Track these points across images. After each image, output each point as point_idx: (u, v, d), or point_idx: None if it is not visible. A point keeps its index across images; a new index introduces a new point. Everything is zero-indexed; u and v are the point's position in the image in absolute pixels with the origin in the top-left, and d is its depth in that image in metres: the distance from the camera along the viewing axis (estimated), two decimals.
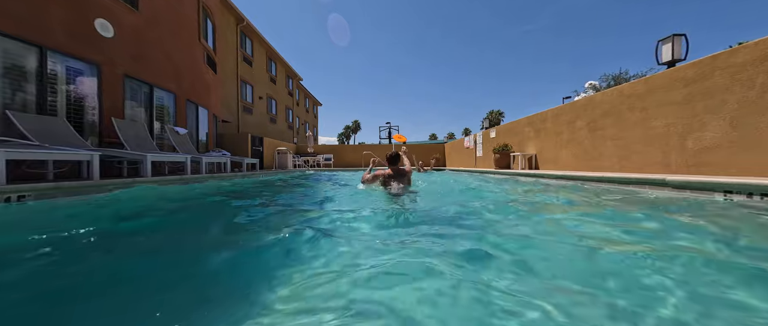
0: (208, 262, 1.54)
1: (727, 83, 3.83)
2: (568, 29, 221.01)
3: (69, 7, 5.25)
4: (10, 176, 3.39)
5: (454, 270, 1.28)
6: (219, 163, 8.19)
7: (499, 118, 53.95)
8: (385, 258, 1.45)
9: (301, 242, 1.74)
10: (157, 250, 1.80)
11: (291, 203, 3.56)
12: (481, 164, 12.00)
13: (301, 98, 29.06)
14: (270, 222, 2.54)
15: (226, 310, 1.05)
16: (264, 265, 1.52)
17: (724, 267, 1.37)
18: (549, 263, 1.48)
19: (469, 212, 2.69)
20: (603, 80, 24.47)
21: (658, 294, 1.11)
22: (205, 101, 9.55)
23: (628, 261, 1.44)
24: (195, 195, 4.24)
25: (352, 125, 74.24)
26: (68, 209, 2.98)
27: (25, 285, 1.27)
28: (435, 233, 1.93)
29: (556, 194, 3.92)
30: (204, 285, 1.30)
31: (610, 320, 0.97)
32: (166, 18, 7.60)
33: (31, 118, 4.52)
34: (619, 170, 5.47)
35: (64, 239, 1.89)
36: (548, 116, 7.87)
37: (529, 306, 1.01)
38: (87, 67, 5.57)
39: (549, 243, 1.78)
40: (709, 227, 2.00)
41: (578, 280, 1.27)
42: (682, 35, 4.97)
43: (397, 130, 22.88)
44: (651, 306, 1.03)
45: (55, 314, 1.04)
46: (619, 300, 1.07)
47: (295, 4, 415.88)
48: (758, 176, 3.32)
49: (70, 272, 1.41)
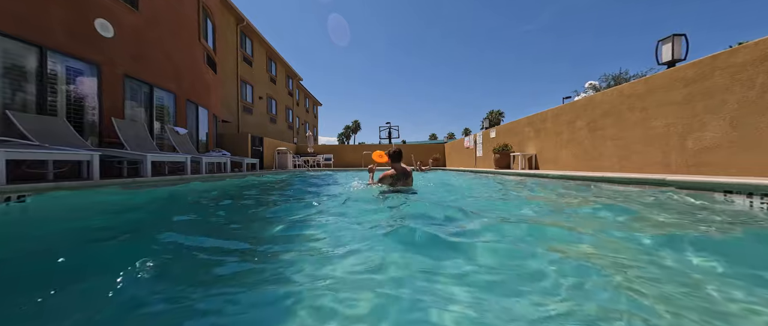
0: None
1: (727, 83, 3.83)
2: (568, 29, 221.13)
3: (69, 7, 5.25)
4: (10, 176, 3.39)
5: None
6: (219, 163, 8.19)
7: (499, 118, 53.94)
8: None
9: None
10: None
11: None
12: (481, 164, 12.00)
13: (301, 98, 29.06)
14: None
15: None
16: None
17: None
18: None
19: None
20: (603, 80, 24.47)
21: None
22: (205, 101, 9.55)
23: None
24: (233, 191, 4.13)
25: (352, 125, 74.26)
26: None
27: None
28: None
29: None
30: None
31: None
32: (166, 18, 7.60)
33: (31, 118, 4.52)
34: (619, 170, 5.47)
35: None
36: (548, 116, 7.87)
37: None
38: (87, 67, 5.57)
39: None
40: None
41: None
42: (682, 35, 4.97)
43: (397, 130, 22.86)
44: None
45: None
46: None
47: (295, 4, 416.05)
48: (758, 176, 3.32)
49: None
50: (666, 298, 1.07)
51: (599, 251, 1.62)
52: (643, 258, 1.51)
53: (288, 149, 14.66)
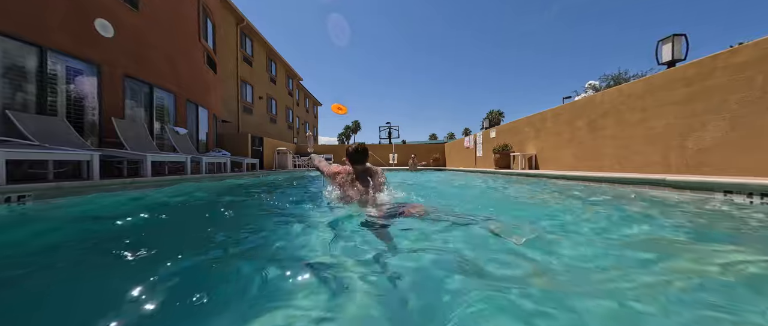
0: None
1: (727, 82, 3.83)
2: (569, 29, 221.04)
3: (69, 7, 5.25)
4: (10, 177, 3.39)
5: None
6: (219, 163, 8.18)
7: (499, 118, 53.92)
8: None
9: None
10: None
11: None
12: (481, 164, 11.99)
13: (301, 98, 29.05)
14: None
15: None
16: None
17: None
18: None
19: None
20: (603, 80, 24.44)
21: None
22: (205, 101, 9.55)
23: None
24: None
25: (352, 125, 74.28)
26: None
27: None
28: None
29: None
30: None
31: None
32: (166, 18, 7.60)
33: (31, 118, 4.52)
34: (619, 170, 5.47)
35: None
36: (548, 116, 7.87)
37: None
38: (87, 67, 5.57)
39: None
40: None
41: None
42: (682, 35, 4.97)
43: (397, 130, 22.85)
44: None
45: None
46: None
47: (295, 4, 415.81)
48: (758, 177, 3.32)
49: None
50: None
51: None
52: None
53: (288, 149, 14.65)
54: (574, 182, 5.12)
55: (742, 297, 1.10)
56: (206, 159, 6.93)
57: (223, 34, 13.30)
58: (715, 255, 1.52)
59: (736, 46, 3.80)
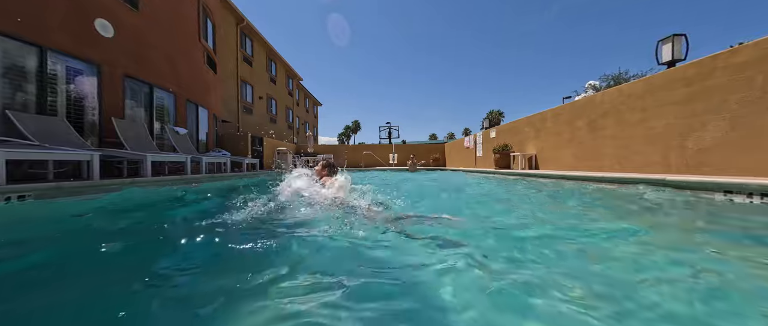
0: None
1: (727, 82, 3.83)
2: (569, 29, 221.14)
3: (69, 7, 5.25)
4: (11, 177, 3.39)
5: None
6: (219, 163, 8.18)
7: (499, 118, 53.88)
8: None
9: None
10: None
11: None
12: (481, 164, 11.99)
13: (301, 98, 29.05)
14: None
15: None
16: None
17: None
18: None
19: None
20: (603, 80, 24.42)
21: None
22: (205, 101, 9.55)
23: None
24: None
25: (352, 125, 74.23)
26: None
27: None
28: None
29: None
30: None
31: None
32: (166, 18, 7.60)
33: (31, 118, 4.52)
34: (619, 170, 5.47)
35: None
36: (548, 116, 7.87)
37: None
38: (87, 67, 5.56)
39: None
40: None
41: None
42: (682, 35, 4.97)
43: (397, 130, 22.84)
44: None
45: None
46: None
47: (295, 4, 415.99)
48: (758, 177, 3.32)
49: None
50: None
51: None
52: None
53: (288, 149, 14.66)
54: (574, 182, 5.12)
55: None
56: (206, 159, 6.93)
57: (223, 34, 13.31)
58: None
59: (736, 46, 3.80)
